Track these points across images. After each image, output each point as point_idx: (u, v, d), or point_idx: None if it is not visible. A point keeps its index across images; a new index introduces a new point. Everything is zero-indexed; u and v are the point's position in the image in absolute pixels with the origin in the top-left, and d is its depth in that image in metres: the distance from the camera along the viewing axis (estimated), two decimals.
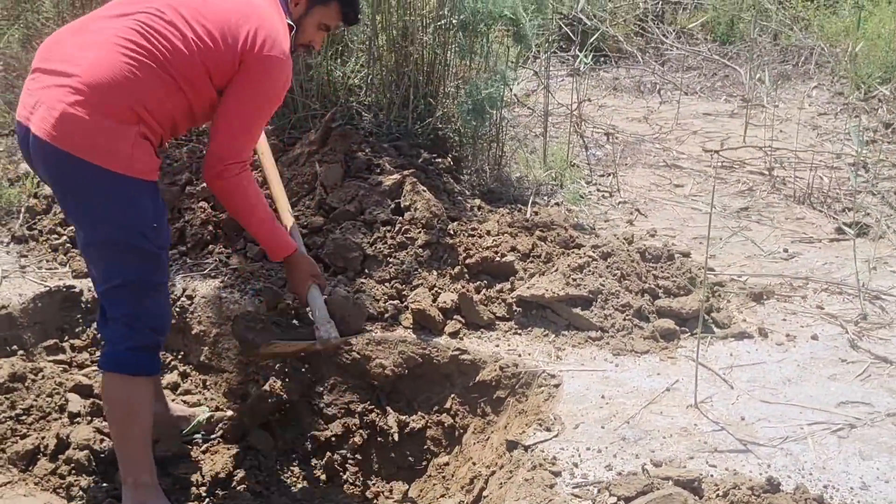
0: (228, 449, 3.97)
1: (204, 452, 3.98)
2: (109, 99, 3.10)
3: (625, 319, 4.10)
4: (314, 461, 4.07)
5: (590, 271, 4.23)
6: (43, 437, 3.82)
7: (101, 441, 3.79)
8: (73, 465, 3.72)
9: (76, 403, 3.96)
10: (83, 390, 4.02)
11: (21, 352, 4.16)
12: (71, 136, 3.09)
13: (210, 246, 4.49)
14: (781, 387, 3.73)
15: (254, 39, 3.33)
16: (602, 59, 8.89)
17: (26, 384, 4.00)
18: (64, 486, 3.71)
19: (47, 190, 4.84)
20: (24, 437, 3.84)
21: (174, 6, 3.28)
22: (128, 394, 3.41)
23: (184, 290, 4.33)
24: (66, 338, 4.33)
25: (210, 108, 3.42)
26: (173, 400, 4.15)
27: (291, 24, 3.59)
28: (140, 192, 3.23)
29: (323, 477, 4.02)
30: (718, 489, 2.90)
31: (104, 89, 3.10)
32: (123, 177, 3.16)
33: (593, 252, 4.35)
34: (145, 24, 3.22)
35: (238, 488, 3.87)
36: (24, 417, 3.91)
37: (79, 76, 3.10)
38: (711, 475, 3.11)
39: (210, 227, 4.51)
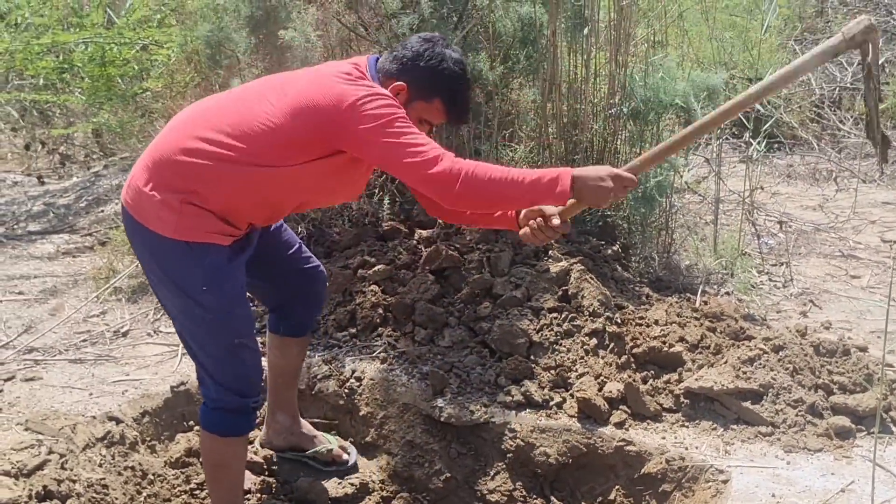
0: None
1: None
2: (165, 176, 3.20)
3: (797, 415, 3.98)
4: None
5: (761, 364, 4.14)
6: None
7: None
8: None
9: (247, 480, 4.04)
10: (255, 467, 4.11)
11: (197, 427, 4.31)
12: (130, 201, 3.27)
13: (379, 329, 4.57)
14: None
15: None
16: (775, 145, 8.70)
17: (201, 460, 4.13)
18: None
19: None
20: None
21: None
22: (218, 451, 3.56)
23: (353, 371, 4.42)
24: None
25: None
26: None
27: None
28: (183, 254, 3.23)
29: None
30: None
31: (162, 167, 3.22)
32: (168, 239, 3.21)
33: (764, 344, 4.25)
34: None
35: None
36: (197, 492, 4.03)
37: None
38: None
39: (380, 311, 4.60)
